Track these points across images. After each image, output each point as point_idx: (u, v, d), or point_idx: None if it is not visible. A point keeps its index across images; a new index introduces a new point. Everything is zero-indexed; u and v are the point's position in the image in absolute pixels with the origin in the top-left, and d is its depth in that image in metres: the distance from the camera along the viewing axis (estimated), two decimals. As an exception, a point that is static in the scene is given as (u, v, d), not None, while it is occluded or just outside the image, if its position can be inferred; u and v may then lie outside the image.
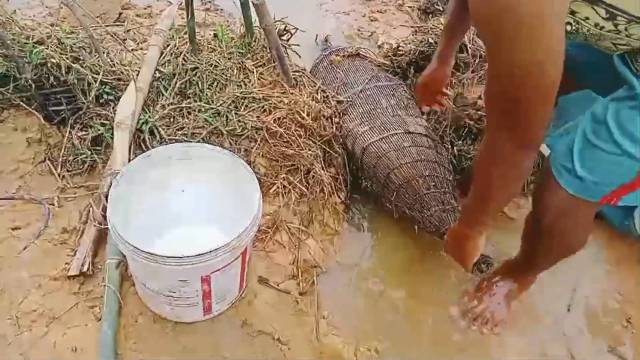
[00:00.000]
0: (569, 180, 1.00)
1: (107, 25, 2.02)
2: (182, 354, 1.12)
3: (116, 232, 0.96)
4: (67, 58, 1.45)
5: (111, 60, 1.54)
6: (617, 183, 0.96)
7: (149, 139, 1.47)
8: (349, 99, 1.64)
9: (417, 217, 1.39)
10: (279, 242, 1.39)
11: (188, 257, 0.94)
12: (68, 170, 1.44)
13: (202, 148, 1.17)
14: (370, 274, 1.43)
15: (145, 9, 2.16)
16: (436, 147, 1.51)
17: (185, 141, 1.48)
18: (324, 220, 1.50)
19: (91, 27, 1.74)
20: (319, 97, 1.66)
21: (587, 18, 0.84)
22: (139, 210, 1.15)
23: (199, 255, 0.95)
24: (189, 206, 1.24)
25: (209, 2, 2.31)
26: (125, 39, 1.88)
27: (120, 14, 2.08)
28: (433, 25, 1.91)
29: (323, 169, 1.51)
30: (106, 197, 1.29)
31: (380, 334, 1.29)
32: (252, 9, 1.51)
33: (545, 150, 1.42)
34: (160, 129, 1.50)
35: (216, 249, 0.96)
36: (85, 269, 1.18)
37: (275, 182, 1.47)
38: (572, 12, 0.84)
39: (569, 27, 0.87)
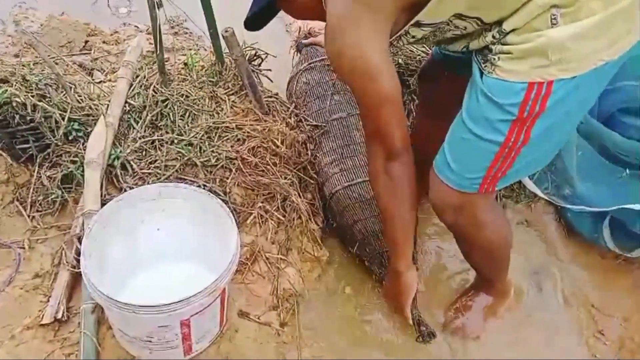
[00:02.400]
0: (447, 174, 1.10)
1: (73, 55, 1.99)
2: (164, 398, 1.10)
3: (90, 282, 0.94)
4: (32, 96, 1.42)
5: (79, 96, 1.51)
6: (482, 167, 1.05)
7: (121, 174, 1.45)
8: (324, 126, 1.63)
9: (375, 271, 1.41)
10: (257, 272, 1.39)
11: (166, 304, 0.93)
12: (38, 211, 1.40)
13: (176, 187, 1.16)
14: (352, 298, 1.43)
15: (111, 35, 2.13)
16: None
17: (158, 174, 1.47)
18: (302, 247, 1.50)
19: (56, 59, 1.72)
20: (292, 123, 1.67)
21: (415, 35, 1.06)
22: (114, 254, 1.14)
23: (177, 302, 0.94)
24: (165, 244, 1.23)
25: (177, 25, 2.30)
26: (93, 69, 1.85)
27: (86, 42, 2.05)
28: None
29: (300, 196, 1.51)
30: (79, 239, 1.28)
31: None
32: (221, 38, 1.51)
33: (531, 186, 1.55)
34: (132, 163, 1.48)
35: (194, 295, 0.95)
36: (59, 315, 1.15)
37: (252, 211, 1.46)
38: (407, 33, 1.05)
39: (419, 35, 1.06)
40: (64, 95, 1.48)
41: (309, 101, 1.70)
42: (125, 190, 1.43)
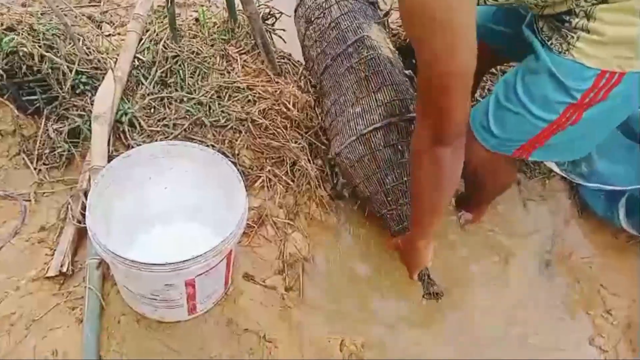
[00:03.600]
0: (486, 137, 1.12)
1: (82, 6, 1.93)
2: (166, 355, 1.10)
3: (97, 239, 0.93)
4: (39, 46, 1.38)
5: (87, 48, 1.47)
6: (524, 139, 1.08)
7: (128, 130, 1.43)
8: (321, 79, 1.51)
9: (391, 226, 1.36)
10: (264, 236, 1.37)
11: (171, 263, 0.92)
12: (45, 164, 1.38)
13: (185, 146, 1.13)
14: (357, 264, 1.42)
15: (122, -13, 2.06)
16: (396, 133, 1.34)
17: (166, 133, 1.45)
18: (310, 213, 1.48)
19: (64, 10, 1.67)
20: (303, 86, 1.62)
21: None
22: (120, 211, 1.12)
23: (184, 261, 0.92)
24: (172, 203, 1.21)
25: (190, -20, 2.23)
26: (102, 22, 1.80)
27: (95, -7, 1.98)
28: None
29: (309, 161, 1.49)
30: (85, 194, 1.27)
31: (367, 323, 1.29)
32: (235, -6, 1.46)
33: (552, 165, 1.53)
34: (140, 120, 1.45)
35: (200, 254, 0.93)
36: (64, 269, 1.15)
37: (261, 174, 1.44)
38: None
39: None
40: (72, 46, 1.44)
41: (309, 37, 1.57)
42: (133, 147, 1.41)
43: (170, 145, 1.13)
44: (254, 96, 1.51)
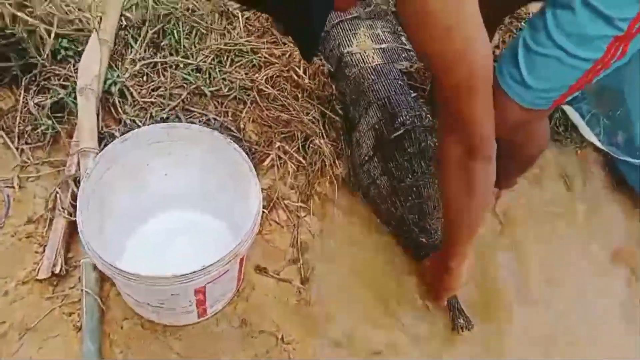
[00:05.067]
0: (520, 92, 0.95)
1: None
2: (176, 361, 1.01)
3: (92, 250, 0.80)
4: (10, 4, 1.19)
5: (66, 6, 1.27)
6: (566, 85, 0.93)
7: (119, 102, 1.27)
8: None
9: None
10: (275, 221, 1.25)
11: (177, 276, 0.80)
12: (27, 143, 1.22)
13: (187, 129, 0.98)
14: (377, 248, 1.30)
15: None
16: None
17: (162, 105, 1.29)
18: (323, 192, 1.35)
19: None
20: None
21: None
22: (116, 202, 0.99)
23: (191, 273, 0.80)
24: (173, 191, 1.08)
25: None
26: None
27: None
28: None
29: (323, 136, 1.33)
30: (74, 180, 1.12)
31: (387, 328, 1.19)
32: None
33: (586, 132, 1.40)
34: (132, 89, 1.29)
35: (210, 265, 0.81)
36: (57, 270, 1.03)
37: (269, 152, 1.30)
38: None
39: None
40: (48, 4, 1.24)
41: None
42: (125, 123, 1.25)
43: (170, 128, 0.98)
44: (259, 61, 1.34)
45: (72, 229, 1.09)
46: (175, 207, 1.11)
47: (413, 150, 1.18)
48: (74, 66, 1.24)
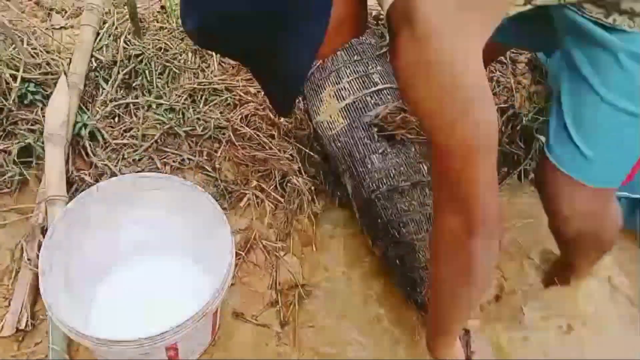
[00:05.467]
0: (587, 174, 0.83)
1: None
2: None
3: (55, 315, 0.76)
4: (-26, 51, 1.16)
5: (33, 49, 1.25)
6: (634, 149, 0.81)
7: (90, 145, 1.24)
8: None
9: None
10: (253, 263, 1.21)
11: (146, 338, 0.76)
12: (-7, 190, 1.19)
13: (156, 178, 0.96)
14: (363, 287, 1.27)
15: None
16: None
17: (135, 146, 1.26)
18: (303, 230, 1.32)
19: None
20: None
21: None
22: (84, 255, 0.96)
23: (160, 334, 0.77)
24: (145, 238, 1.05)
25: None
26: (52, 10, 1.55)
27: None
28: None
29: (301, 173, 1.31)
30: (42, 229, 1.09)
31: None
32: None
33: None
34: (103, 131, 1.26)
35: (180, 324, 0.78)
36: (22, 325, 0.98)
37: (246, 191, 1.27)
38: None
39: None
40: (14, 49, 1.21)
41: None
42: (96, 166, 1.22)
43: (138, 178, 0.96)
44: (234, 99, 1.32)
45: (38, 282, 1.05)
46: (147, 255, 1.07)
47: (386, 217, 1.12)
48: (42, 110, 1.21)
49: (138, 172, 1.21)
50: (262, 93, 1.32)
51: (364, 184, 1.16)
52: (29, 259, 1.04)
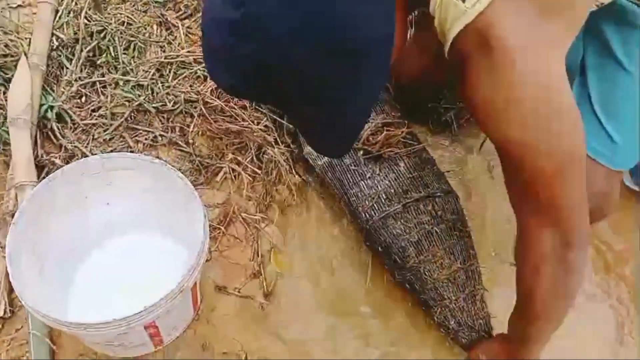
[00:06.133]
0: (610, 153, 0.85)
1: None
2: (138, 395, 0.98)
3: (26, 302, 0.75)
4: None
5: (-11, 30, 1.20)
6: None
7: (58, 127, 1.21)
8: None
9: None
10: (234, 236, 1.21)
11: (119, 320, 0.76)
12: (-38, 178, 1.17)
13: (122, 158, 0.93)
14: (339, 255, 1.28)
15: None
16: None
17: (104, 125, 1.23)
18: (283, 200, 1.31)
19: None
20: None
21: None
22: (55, 241, 0.94)
23: (134, 315, 0.76)
24: (117, 218, 1.04)
25: None
26: (8, -12, 1.49)
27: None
28: None
29: (277, 143, 1.29)
30: (12, 216, 1.07)
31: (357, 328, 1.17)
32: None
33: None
34: (70, 112, 1.23)
35: (154, 304, 0.77)
36: (1, 312, 0.98)
37: (222, 165, 1.25)
38: None
39: None
40: (-32, 31, 1.17)
41: None
42: (66, 148, 1.20)
43: (105, 159, 0.93)
44: (204, 71, 1.28)
45: (15, 268, 1.04)
46: (121, 235, 1.06)
47: (385, 245, 1.11)
48: (3, 94, 1.17)
49: (109, 152, 1.19)
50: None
51: (358, 214, 1.14)
52: (2, 247, 1.03)
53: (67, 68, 1.25)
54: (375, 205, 1.12)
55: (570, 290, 0.79)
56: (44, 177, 1.12)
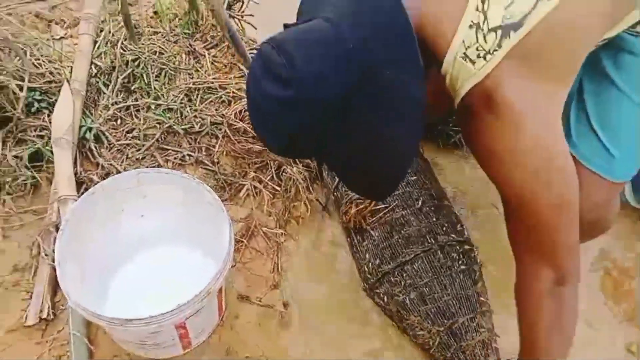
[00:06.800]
0: (608, 166, 0.90)
1: (28, 2, 1.75)
2: (166, 394, 1.05)
3: (71, 299, 0.84)
4: (-19, 65, 1.24)
5: (36, 60, 1.32)
6: None
7: (95, 147, 1.32)
8: None
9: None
10: (255, 249, 1.29)
11: (154, 316, 0.84)
12: (9, 193, 1.27)
13: (157, 173, 1.03)
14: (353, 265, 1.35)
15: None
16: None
17: (137, 145, 1.34)
18: (301, 216, 1.40)
19: (9, 8, 1.50)
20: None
21: None
22: (95, 249, 1.03)
23: (167, 312, 0.85)
24: (151, 230, 1.12)
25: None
26: (52, 21, 1.63)
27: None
28: None
29: (295, 162, 1.38)
30: (56, 227, 1.17)
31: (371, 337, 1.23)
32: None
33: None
34: (107, 133, 1.34)
35: (185, 303, 0.85)
36: (44, 315, 1.07)
37: (244, 182, 1.34)
38: None
39: None
40: (18, 60, 1.29)
41: None
42: (103, 166, 1.30)
43: (141, 174, 1.03)
44: (228, 96, 1.39)
45: (56, 274, 1.13)
46: (155, 245, 1.15)
47: (389, 306, 1.19)
48: (48, 117, 1.29)
49: (141, 169, 1.29)
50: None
51: (362, 276, 1.26)
52: (46, 254, 1.13)
53: (105, 93, 1.36)
54: (372, 270, 1.21)
55: (566, 323, 0.84)
56: (82, 193, 1.23)
